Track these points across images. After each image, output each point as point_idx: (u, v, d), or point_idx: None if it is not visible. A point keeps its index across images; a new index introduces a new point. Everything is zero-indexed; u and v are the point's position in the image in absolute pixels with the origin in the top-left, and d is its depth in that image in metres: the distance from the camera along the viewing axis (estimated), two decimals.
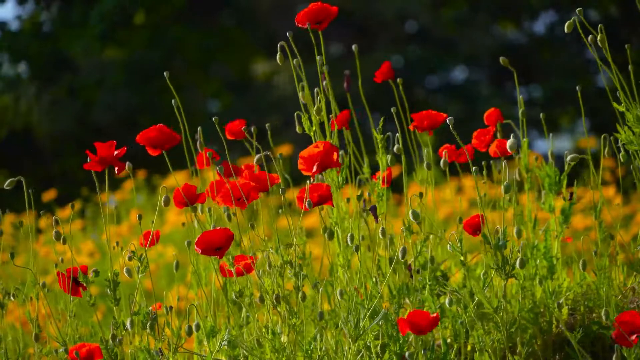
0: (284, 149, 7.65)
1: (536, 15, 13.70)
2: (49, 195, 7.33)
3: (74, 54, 13.07)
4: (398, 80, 3.28)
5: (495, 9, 13.52)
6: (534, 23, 13.90)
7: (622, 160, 2.96)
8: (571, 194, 3.18)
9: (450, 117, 2.67)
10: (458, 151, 3.10)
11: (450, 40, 13.49)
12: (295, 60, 2.99)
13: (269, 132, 3.21)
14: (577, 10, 2.82)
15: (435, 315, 2.57)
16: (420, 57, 13.29)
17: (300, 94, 3.02)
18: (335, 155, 2.76)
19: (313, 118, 3.00)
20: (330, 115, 3.06)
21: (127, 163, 2.84)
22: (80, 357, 2.67)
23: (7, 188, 2.84)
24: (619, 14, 12.75)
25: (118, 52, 13.42)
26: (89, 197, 8.08)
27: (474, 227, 3.01)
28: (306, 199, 2.72)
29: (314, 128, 2.99)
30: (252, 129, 3.03)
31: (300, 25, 2.99)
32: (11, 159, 13.49)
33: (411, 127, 3.11)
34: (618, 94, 2.84)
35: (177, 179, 2.85)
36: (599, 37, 2.81)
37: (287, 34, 2.93)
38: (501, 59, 3.22)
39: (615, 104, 2.84)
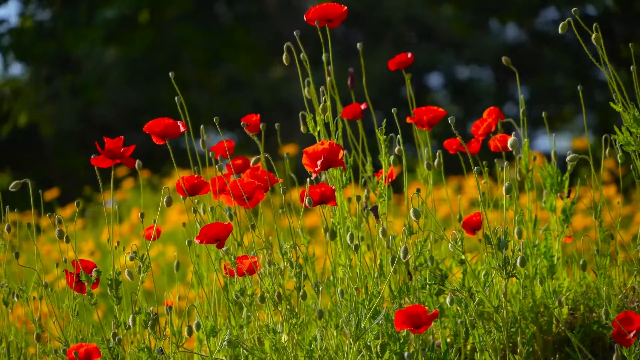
0: (290, 149, 7.65)
1: (536, 13, 13.69)
2: (51, 194, 7.33)
3: (77, 53, 13.05)
4: (408, 74, 3.28)
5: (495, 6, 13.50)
6: (535, 20, 13.89)
7: (620, 161, 2.96)
8: (568, 191, 3.19)
9: (451, 116, 2.68)
10: (466, 144, 3.08)
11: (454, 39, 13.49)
12: (301, 54, 2.99)
13: (278, 132, 3.22)
14: (572, 10, 2.83)
15: (434, 311, 2.58)
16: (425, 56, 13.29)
17: (305, 90, 3.02)
18: (340, 154, 2.76)
19: (317, 118, 3.00)
20: (336, 120, 3.05)
21: (137, 161, 2.84)
22: (79, 357, 2.68)
23: (13, 190, 2.85)
24: (617, 9, 12.72)
25: (122, 51, 13.40)
26: (91, 197, 8.08)
27: (472, 226, 3.01)
28: (306, 196, 2.73)
29: (318, 128, 2.99)
30: (262, 126, 3.03)
31: (310, 23, 2.98)
32: (13, 157, 13.49)
33: (409, 120, 3.10)
34: (615, 96, 2.84)
35: (180, 174, 2.87)
36: (593, 36, 2.81)
37: (295, 33, 2.93)
38: (503, 58, 3.22)
39: (612, 104, 2.84)
